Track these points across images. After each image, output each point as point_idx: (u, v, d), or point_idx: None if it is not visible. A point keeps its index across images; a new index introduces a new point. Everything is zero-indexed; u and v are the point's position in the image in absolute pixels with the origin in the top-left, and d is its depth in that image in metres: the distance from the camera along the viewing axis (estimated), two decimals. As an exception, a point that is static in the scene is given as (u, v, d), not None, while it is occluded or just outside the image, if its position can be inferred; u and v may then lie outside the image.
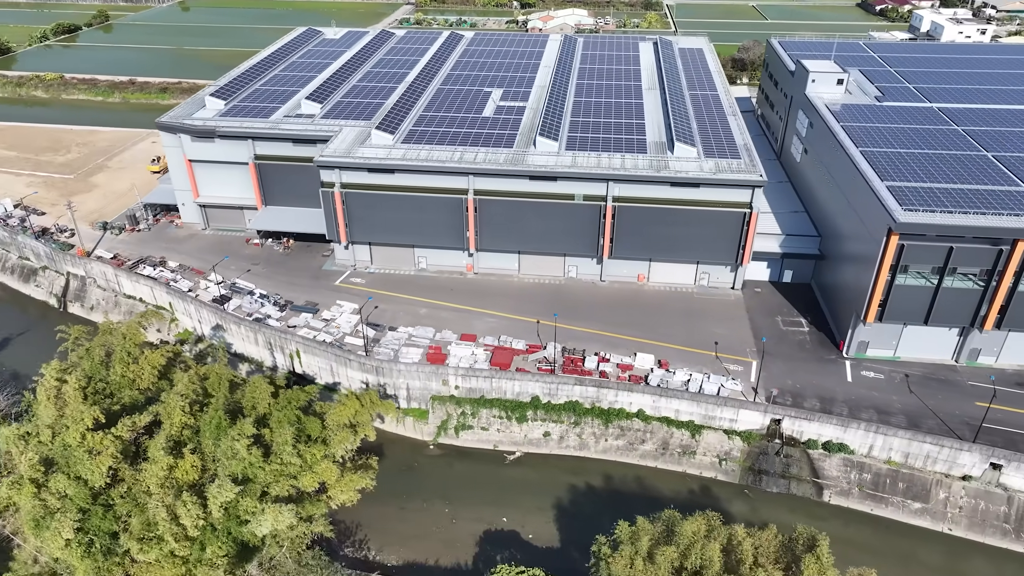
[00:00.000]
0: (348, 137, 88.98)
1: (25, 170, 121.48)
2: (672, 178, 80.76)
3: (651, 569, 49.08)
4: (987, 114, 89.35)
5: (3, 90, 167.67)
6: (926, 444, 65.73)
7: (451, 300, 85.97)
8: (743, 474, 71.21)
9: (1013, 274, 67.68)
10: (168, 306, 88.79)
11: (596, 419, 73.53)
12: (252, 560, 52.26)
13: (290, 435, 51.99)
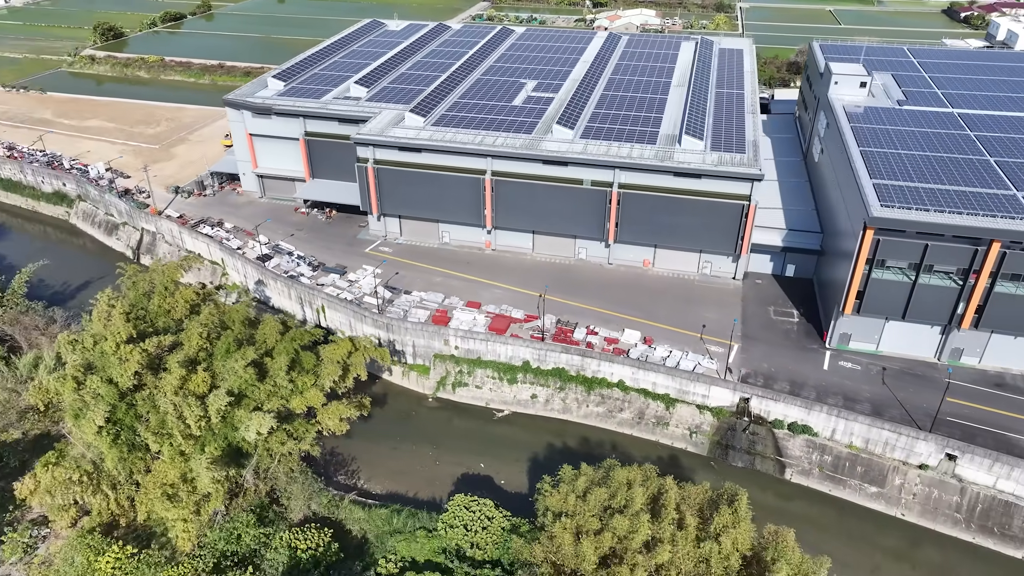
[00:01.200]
0: (385, 118, 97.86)
1: (119, 139, 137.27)
2: (674, 168, 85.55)
3: (581, 505, 55.05)
4: (1008, 121, 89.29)
5: (113, 70, 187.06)
6: (885, 431, 68.41)
7: (466, 272, 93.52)
8: (711, 447, 75.56)
9: (989, 274, 69.35)
10: (220, 261, 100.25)
11: (579, 386, 79.47)
12: (247, 467, 61.48)
13: (285, 363, 60.88)
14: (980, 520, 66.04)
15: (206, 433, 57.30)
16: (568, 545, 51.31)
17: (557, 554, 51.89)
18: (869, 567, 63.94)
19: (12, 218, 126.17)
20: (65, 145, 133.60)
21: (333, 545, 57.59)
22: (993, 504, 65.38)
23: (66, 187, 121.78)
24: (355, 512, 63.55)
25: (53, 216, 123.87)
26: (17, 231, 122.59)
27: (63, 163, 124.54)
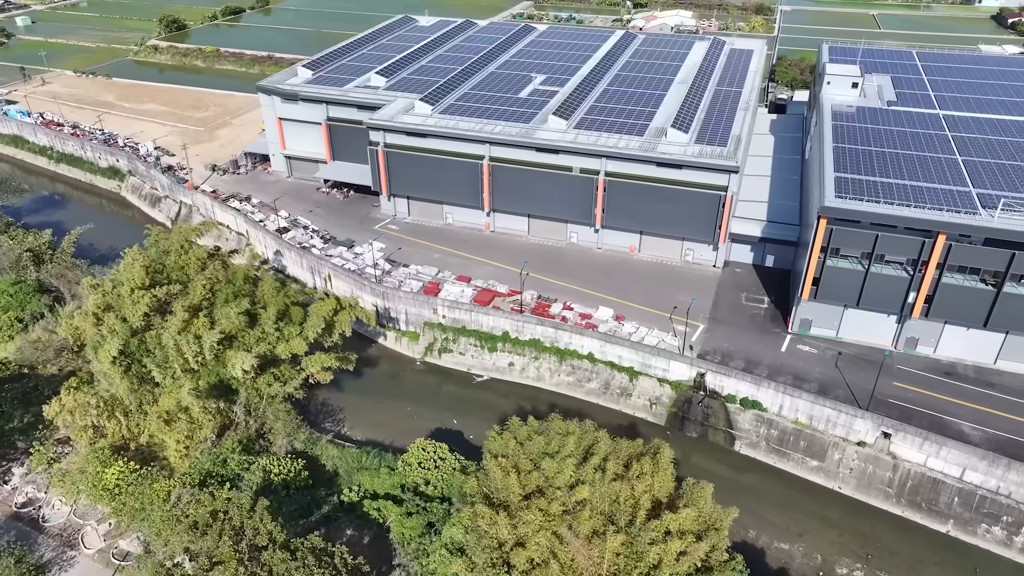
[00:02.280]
0: (398, 106, 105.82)
1: (170, 122, 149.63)
2: (655, 158, 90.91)
3: (519, 449, 61.55)
4: (991, 123, 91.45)
5: (173, 59, 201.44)
6: (827, 408, 72.55)
7: (463, 250, 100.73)
8: (669, 418, 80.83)
9: (936, 265, 72.74)
10: (245, 232, 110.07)
11: (552, 356, 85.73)
12: (237, 402, 70.19)
13: (273, 313, 69.27)
14: (910, 495, 69.70)
15: (201, 368, 66.11)
16: (499, 479, 57.96)
17: (489, 487, 58.57)
18: (797, 531, 68.45)
19: (72, 190, 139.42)
20: (122, 125, 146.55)
21: (303, 473, 65.60)
22: (922, 480, 68.95)
23: (119, 163, 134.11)
24: (330, 450, 71.53)
25: (107, 189, 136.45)
26: (75, 201, 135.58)
27: (118, 141, 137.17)
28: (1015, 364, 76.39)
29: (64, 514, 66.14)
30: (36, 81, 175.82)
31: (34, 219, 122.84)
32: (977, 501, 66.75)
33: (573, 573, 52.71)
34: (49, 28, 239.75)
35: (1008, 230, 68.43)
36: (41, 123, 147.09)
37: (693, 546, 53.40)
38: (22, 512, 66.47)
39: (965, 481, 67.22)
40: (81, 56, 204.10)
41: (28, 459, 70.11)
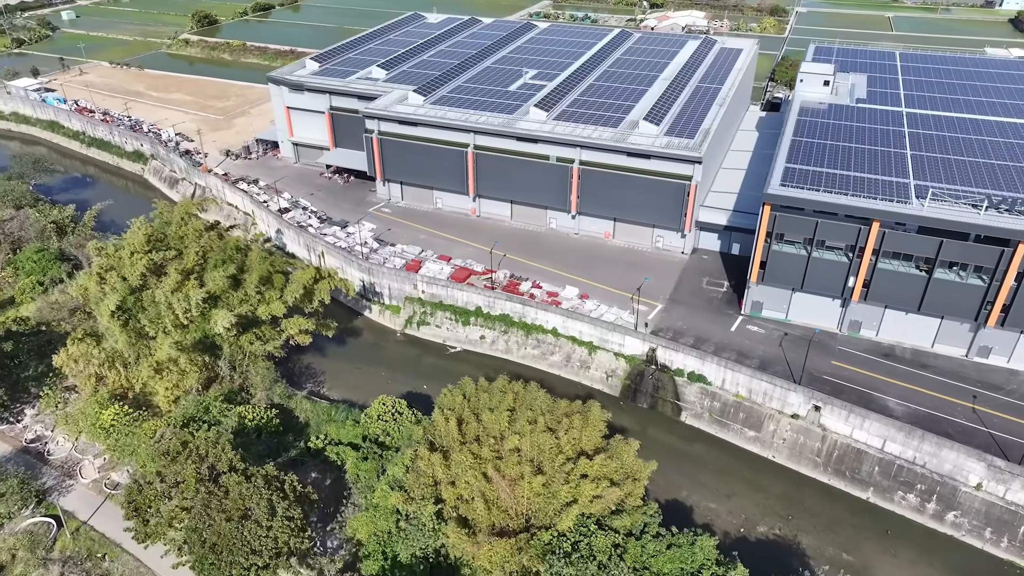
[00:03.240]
0: (393, 97, 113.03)
1: (192, 110, 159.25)
2: (625, 148, 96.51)
3: (464, 403, 68.00)
4: (951, 121, 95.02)
5: (202, 52, 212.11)
6: (763, 383, 77.56)
7: (449, 233, 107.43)
8: (623, 390, 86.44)
9: (872, 251, 77.20)
10: (251, 212, 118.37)
11: (520, 330, 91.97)
12: (221, 357, 77.98)
13: (255, 279, 76.88)
14: (836, 464, 74.40)
15: (189, 324, 73.98)
16: (441, 427, 64.53)
17: (433, 434, 65.17)
18: (726, 493, 73.68)
19: (101, 172, 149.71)
20: (148, 113, 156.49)
21: (275, 420, 72.95)
22: (847, 451, 73.62)
23: (143, 147, 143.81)
24: (304, 404, 78.86)
25: (132, 171, 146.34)
26: (103, 182, 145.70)
27: (142, 127, 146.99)
28: (950, 348, 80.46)
29: (66, 449, 74.60)
30: (74, 71, 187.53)
31: (63, 196, 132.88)
32: (895, 470, 71.28)
33: (497, 509, 59.00)
34: (91, 22, 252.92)
35: (933, 218, 72.77)
36: (75, 110, 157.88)
37: (607, 490, 59.31)
38: (30, 446, 75.10)
39: (885, 452, 71.82)
40: (118, 49, 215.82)
41: (38, 402, 78.81)
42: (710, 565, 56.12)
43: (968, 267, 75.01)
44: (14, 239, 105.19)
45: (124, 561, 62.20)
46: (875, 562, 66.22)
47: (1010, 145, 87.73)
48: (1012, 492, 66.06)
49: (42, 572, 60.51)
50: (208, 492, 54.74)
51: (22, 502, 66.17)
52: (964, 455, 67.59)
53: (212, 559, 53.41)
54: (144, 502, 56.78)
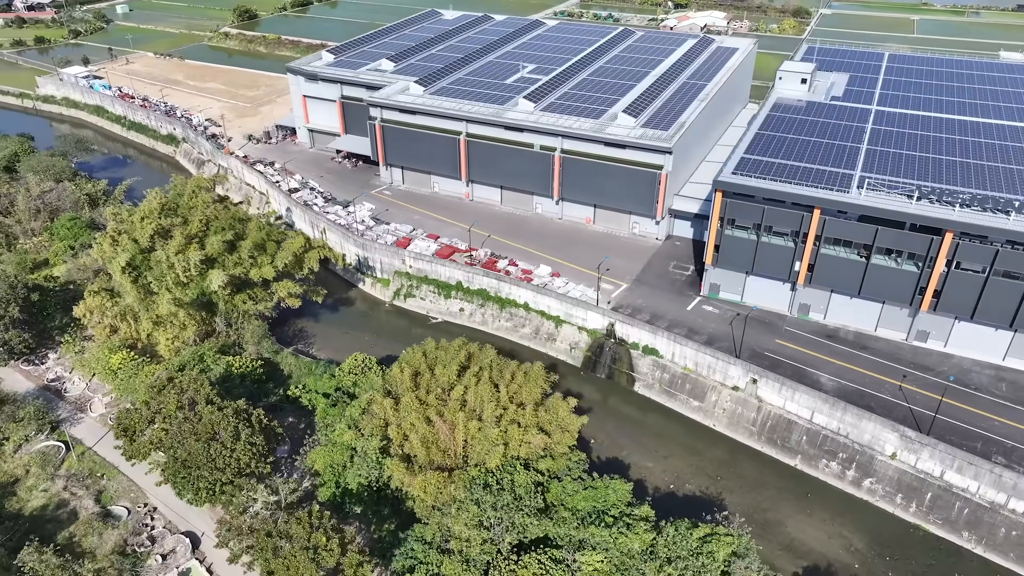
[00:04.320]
0: (396, 87, 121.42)
1: (223, 98, 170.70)
2: (602, 138, 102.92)
3: (423, 359, 75.70)
4: (916, 119, 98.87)
5: (240, 45, 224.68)
6: (707, 356, 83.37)
7: (442, 215, 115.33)
8: (584, 361, 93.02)
9: (815, 237, 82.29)
10: (265, 192, 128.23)
11: (495, 304, 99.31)
12: (218, 314, 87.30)
13: (249, 245, 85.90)
14: (769, 433, 79.87)
15: (189, 282, 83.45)
16: (396, 376, 72.42)
17: (390, 383, 73.07)
18: (664, 455, 79.78)
19: (138, 153, 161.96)
20: (184, 100, 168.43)
21: (259, 370, 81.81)
22: (780, 421, 79.04)
23: (175, 131, 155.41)
24: (289, 359, 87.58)
25: (165, 153, 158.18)
26: (138, 162, 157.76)
27: (176, 113, 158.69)
28: (891, 332, 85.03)
29: (80, 388, 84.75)
30: (121, 61, 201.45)
31: (103, 174, 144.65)
32: (821, 440, 76.51)
33: (436, 448, 66.53)
34: (143, 16, 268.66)
35: (866, 205, 77.67)
36: (118, 96, 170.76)
37: (534, 437, 66.35)
38: (51, 385, 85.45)
39: (813, 422, 77.10)
40: (165, 40, 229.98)
41: (60, 348, 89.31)
42: (620, 505, 62.67)
43: (903, 254, 79.66)
44: (52, 208, 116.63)
45: (119, 480, 71.64)
46: (789, 520, 71.70)
47: (964, 142, 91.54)
48: (922, 461, 70.83)
49: (49, 484, 70.26)
50: (184, 418, 63.60)
51: (38, 428, 76.26)
52: (881, 426, 72.60)
53: (183, 474, 62.21)
54: (131, 425, 66.00)
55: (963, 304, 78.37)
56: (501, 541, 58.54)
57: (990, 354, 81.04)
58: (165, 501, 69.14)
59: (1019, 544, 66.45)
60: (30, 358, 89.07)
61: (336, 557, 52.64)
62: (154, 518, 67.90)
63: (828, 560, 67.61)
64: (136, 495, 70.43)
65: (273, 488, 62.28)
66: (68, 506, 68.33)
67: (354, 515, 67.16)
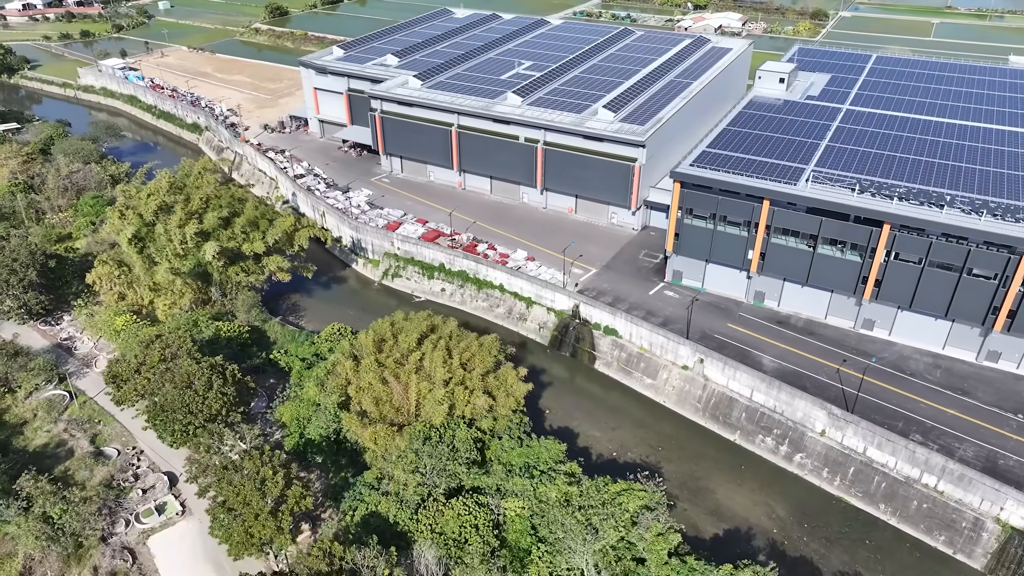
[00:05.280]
0: (396, 81, 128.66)
1: (246, 90, 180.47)
2: (581, 131, 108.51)
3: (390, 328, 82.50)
4: (884, 118, 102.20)
5: (268, 40, 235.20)
6: (660, 337, 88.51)
7: (434, 202, 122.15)
8: (551, 340, 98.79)
9: (765, 227, 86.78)
10: (275, 177, 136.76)
11: (473, 285, 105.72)
12: (212, 285, 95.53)
13: (243, 221, 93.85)
14: (712, 410, 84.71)
15: (186, 254, 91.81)
16: (361, 340, 79.38)
17: (356, 348, 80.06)
18: (612, 426, 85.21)
19: (166, 140, 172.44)
20: (210, 91, 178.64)
21: (245, 334, 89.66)
22: (722, 399, 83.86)
23: (199, 120, 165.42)
24: (276, 327, 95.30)
25: (189, 140, 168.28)
26: (165, 149, 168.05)
27: (200, 103, 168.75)
28: (840, 320, 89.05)
29: (88, 346, 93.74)
30: (157, 54, 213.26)
31: (131, 158, 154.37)
32: (758, 416, 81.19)
33: (389, 406, 73.23)
34: (182, 11, 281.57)
35: (809, 197, 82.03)
36: (150, 87, 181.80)
37: (479, 399, 72.59)
38: (63, 343, 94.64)
39: (752, 400, 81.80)
40: (200, 35, 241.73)
41: (74, 310, 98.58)
42: (551, 462, 68.52)
43: (846, 244, 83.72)
44: (79, 187, 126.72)
45: (113, 426, 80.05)
46: (720, 488, 76.61)
47: (923, 141, 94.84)
48: (847, 438, 75.10)
49: (52, 427, 78.96)
50: (165, 368, 71.51)
51: (47, 379, 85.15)
52: (811, 404, 77.06)
53: (162, 417, 70.03)
54: (120, 373, 74.23)
55: (902, 294, 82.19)
56: (434, 486, 64.94)
57: (931, 343, 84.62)
58: (151, 445, 77.30)
59: (928, 516, 70.40)
60: (47, 319, 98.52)
61: (280, 488, 59.64)
62: (140, 459, 76.04)
63: (749, 524, 72.45)
64: (127, 439, 78.74)
65: (240, 434, 69.68)
66: (66, 445, 76.90)
67: (316, 464, 74.35)
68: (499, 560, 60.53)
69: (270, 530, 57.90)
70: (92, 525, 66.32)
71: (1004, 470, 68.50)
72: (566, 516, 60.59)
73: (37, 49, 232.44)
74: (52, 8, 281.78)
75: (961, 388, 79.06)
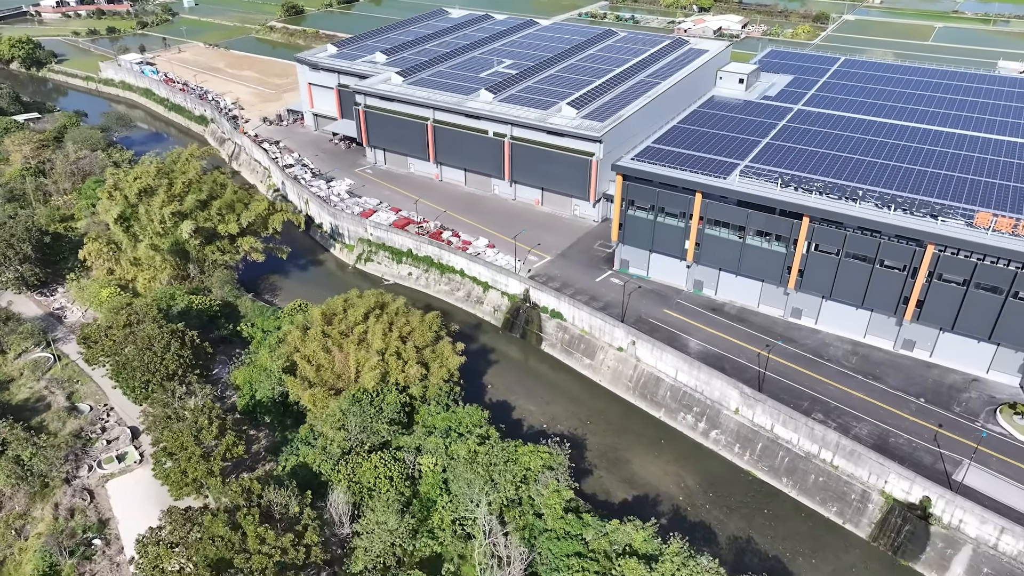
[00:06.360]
0: (380, 77, 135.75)
1: (253, 85, 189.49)
2: (544, 127, 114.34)
3: (343, 303, 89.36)
4: (831, 118, 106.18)
5: (282, 37, 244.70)
6: (599, 320, 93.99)
7: (411, 192, 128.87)
8: (504, 322, 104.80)
9: (699, 218, 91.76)
10: (268, 167, 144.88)
11: (436, 270, 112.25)
12: (190, 262, 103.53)
13: (220, 203, 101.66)
14: (641, 388, 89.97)
15: (165, 232, 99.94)
16: (313, 315, 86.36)
17: (308, 321, 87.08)
18: (547, 401, 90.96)
19: (175, 131, 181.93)
20: (220, 85, 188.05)
21: (215, 307, 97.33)
22: (651, 378, 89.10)
23: (206, 112, 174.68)
24: (247, 303, 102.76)
25: (197, 132, 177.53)
26: (174, 139, 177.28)
27: (208, 96, 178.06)
28: (771, 309, 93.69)
29: (77, 315, 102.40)
30: (174, 50, 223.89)
31: (142, 148, 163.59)
32: (681, 395, 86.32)
33: (330, 372, 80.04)
34: (206, 9, 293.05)
35: (734, 191, 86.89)
36: (164, 80, 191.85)
37: (411, 368, 79.03)
38: (54, 312, 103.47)
39: (677, 380, 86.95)
40: (219, 32, 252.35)
41: (66, 283, 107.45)
42: (470, 426, 74.66)
43: (772, 236, 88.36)
44: (85, 173, 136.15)
45: (89, 386, 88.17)
46: (637, 459, 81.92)
47: (859, 140, 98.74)
48: (757, 415, 79.95)
49: (35, 384, 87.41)
50: (130, 332, 79.31)
51: (36, 343, 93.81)
52: (727, 384, 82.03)
53: (124, 374, 77.82)
54: (90, 335, 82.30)
55: (822, 284, 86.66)
56: (360, 443, 71.56)
57: (853, 331, 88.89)
58: (120, 404, 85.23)
59: (823, 488, 74.96)
60: (43, 290, 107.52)
61: (213, 436, 66.79)
62: (109, 415, 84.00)
63: (659, 492, 77.73)
64: (99, 397, 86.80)
65: (193, 392, 77.10)
66: (45, 401, 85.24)
67: (264, 423, 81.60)
68: (411, 508, 66.88)
69: (202, 472, 65.02)
70: (58, 468, 74.21)
71: (894, 447, 72.92)
72: (469, 471, 66.68)
73: (66, 44, 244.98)
74: (84, 5, 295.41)
75: (873, 373, 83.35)
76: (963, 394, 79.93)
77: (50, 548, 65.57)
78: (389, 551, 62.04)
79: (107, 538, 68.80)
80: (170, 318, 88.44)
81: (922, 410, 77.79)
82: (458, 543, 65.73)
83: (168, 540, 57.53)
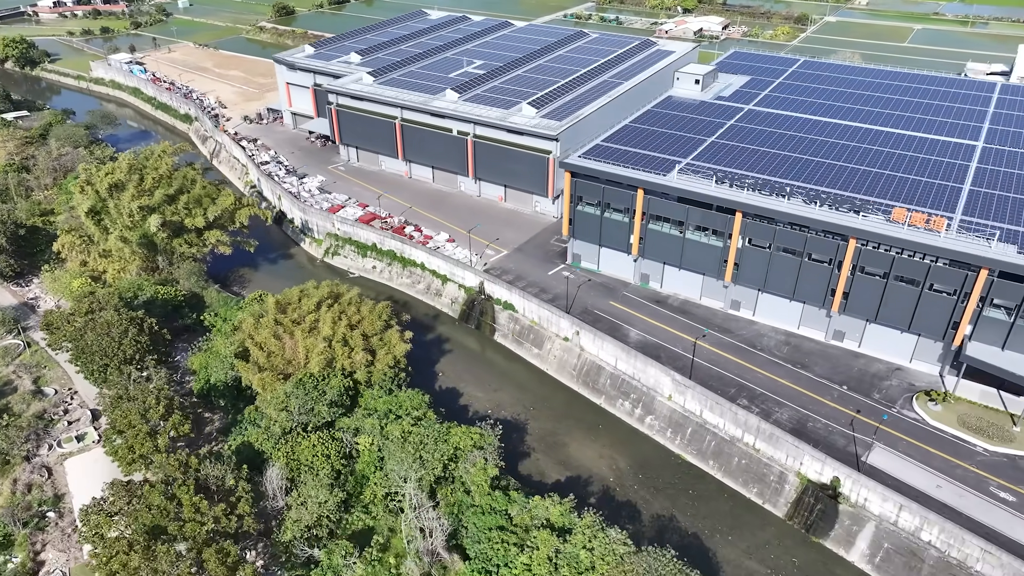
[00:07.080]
0: (351, 77, 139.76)
1: (238, 84, 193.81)
2: (504, 125, 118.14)
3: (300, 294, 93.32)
4: (777, 118, 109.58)
5: (271, 38, 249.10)
6: (547, 311, 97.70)
7: (382, 189, 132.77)
8: (461, 313, 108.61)
9: (642, 214, 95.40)
10: (245, 164, 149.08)
11: (399, 263, 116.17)
12: (158, 254, 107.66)
13: (188, 198, 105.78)
14: (584, 377, 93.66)
15: (134, 226, 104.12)
16: (268, 304, 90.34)
17: (263, 310, 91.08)
18: (494, 388, 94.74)
19: (163, 130, 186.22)
20: (205, 85, 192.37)
21: (179, 297, 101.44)
22: (593, 366, 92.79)
23: (191, 111, 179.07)
24: (212, 293, 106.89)
25: (182, 130, 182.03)
26: (159, 136, 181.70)
27: (192, 95, 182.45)
28: (712, 301, 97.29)
29: (50, 305, 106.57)
30: (164, 50, 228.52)
31: (127, 145, 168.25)
32: (620, 383, 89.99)
33: (281, 358, 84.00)
34: (200, 9, 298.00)
35: (672, 187, 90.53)
36: (151, 80, 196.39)
37: (356, 354, 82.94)
38: (29, 301, 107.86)
39: (616, 368, 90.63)
40: (211, 32, 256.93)
41: (41, 274, 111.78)
42: (410, 409, 78.49)
43: (709, 230, 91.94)
44: (67, 169, 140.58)
45: (56, 371, 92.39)
46: (574, 443, 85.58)
47: (801, 138, 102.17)
48: (687, 401, 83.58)
49: (3, 369, 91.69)
50: (90, 318, 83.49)
51: (8, 330, 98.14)
52: (660, 371, 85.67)
53: (84, 358, 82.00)
54: (53, 322, 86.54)
55: (756, 277, 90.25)
56: (300, 424, 75.50)
57: (787, 323, 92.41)
58: (84, 388, 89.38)
59: (746, 470, 78.52)
60: (19, 281, 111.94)
61: (159, 415, 70.88)
62: (73, 398, 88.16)
63: (591, 473, 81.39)
64: (64, 382, 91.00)
65: (149, 376, 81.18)
66: (12, 384, 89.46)
67: (219, 406, 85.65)
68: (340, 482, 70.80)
69: (148, 448, 69.06)
70: (19, 447, 78.38)
71: (811, 431, 76.47)
72: (401, 450, 70.54)
73: (60, 44, 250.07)
74: (80, 5, 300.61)
75: (802, 363, 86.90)
76: (885, 382, 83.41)
77: (5, 519, 69.67)
78: (319, 523, 65.95)
79: (61, 511, 72.91)
80: (134, 307, 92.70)
81: (843, 397, 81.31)
82: (389, 517, 69.63)
83: (109, 510, 61.55)
